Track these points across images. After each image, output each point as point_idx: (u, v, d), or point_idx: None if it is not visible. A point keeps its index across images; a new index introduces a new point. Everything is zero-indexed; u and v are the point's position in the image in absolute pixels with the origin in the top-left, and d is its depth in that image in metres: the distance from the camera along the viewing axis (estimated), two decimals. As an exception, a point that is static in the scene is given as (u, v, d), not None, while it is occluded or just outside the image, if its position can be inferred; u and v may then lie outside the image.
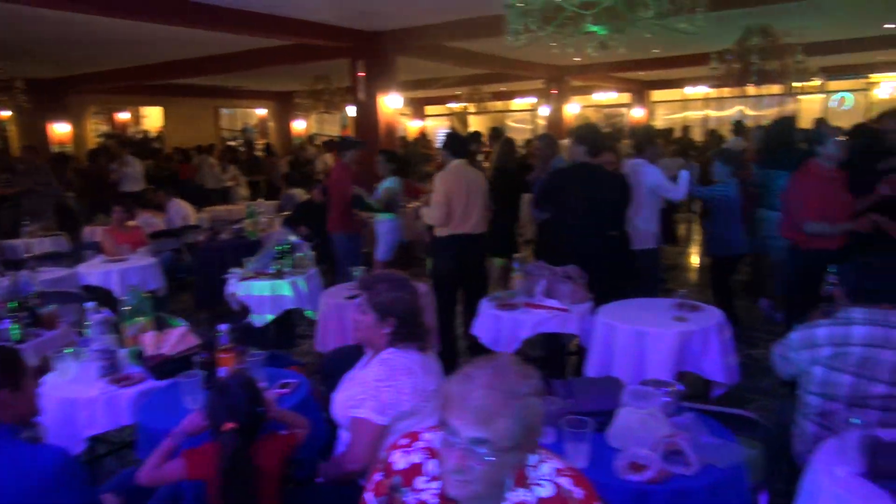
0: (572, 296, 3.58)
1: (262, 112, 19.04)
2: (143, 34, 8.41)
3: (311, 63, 10.68)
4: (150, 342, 2.79)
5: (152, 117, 16.61)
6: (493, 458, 1.29)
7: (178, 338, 2.80)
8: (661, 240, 5.09)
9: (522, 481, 1.40)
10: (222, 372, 2.55)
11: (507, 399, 1.29)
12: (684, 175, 4.66)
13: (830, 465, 1.80)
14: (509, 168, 5.87)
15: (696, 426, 1.97)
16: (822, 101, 17.21)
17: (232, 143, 16.12)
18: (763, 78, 9.11)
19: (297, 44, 9.30)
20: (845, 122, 10.82)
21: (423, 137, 16.37)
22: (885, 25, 10.44)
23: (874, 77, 16.91)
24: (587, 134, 4.22)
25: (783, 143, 5.39)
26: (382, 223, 5.97)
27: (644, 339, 3.13)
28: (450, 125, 21.52)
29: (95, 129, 15.14)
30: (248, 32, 7.96)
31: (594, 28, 4.02)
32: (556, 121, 14.51)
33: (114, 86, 12.94)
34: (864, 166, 4.42)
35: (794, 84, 11.36)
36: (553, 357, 4.02)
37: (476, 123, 20.63)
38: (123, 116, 16.21)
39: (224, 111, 18.06)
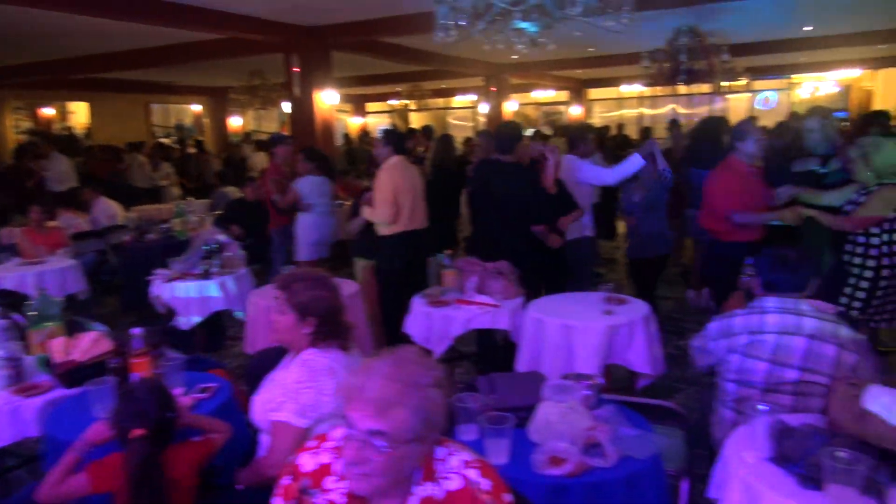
0: (504, 291, 3.59)
1: (196, 108, 18.48)
2: (67, 25, 8.01)
3: (245, 58, 10.42)
4: (60, 348, 2.64)
5: (80, 113, 15.87)
6: (391, 450, 1.28)
7: (89, 343, 2.66)
8: (594, 231, 5.17)
9: (431, 475, 1.39)
10: (135, 378, 2.43)
11: (405, 390, 1.29)
12: (634, 157, 4.71)
13: (740, 451, 1.86)
14: (448, 165, 5.87)
15: (615, 418, 2.00)
16: (749, 101, 17.92)
17: (165, 141, 15.56)
18: (692, 77, 9.40)
19: (230, 38, 9.05)
20: (770, 121, 11.32)
21: (366, 135, 16.22)
22: (805, 28, 10.94)
23: (796, 77, 17.73)
24: (498, 131, 4.33)
25: (710, 141, 5.56)
26: (300, 221, 5.81)
27: (572, 333, 3.16)
28: (391, 122, 21.41)
29: (17, 125, 14.35)
30: (178, 25, 7.69)
31: (523, 24, 4.05)
32: (495, 118, 14.59)
33: (36, 80, 12.31)
34: (779, 166, 4.61)
35: (721, 83, 11.80)
36: (486, 353, 4.03)
37: (417, 120, 20.60)
38: (48, 112, 15.41)
39: (156, 107, 17.43)
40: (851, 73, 16.81)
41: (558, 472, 1.79)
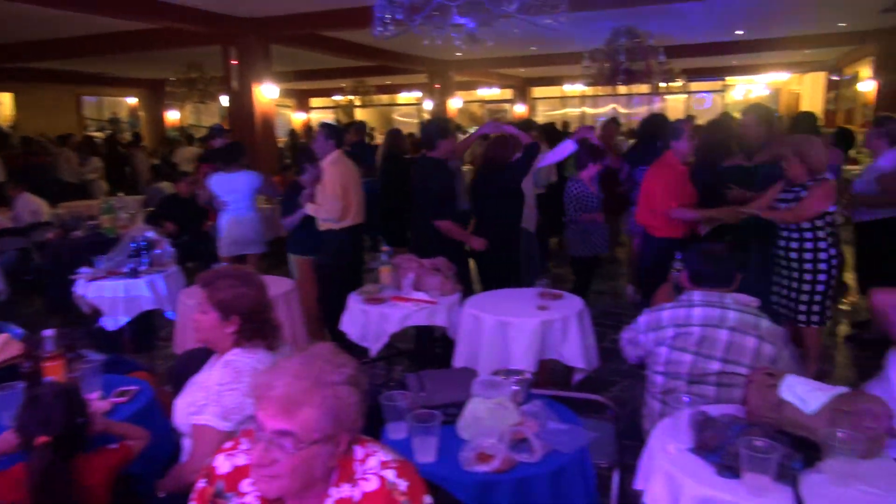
0: (441, 288, 3.57)
1: (132, 101, 17.80)
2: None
3: (182, 49, 10.10)
4: (-35, 352, 2.48)
5: (6, 104, 15.05)
6: (299, 451, 1.25)
7: (-1, 346, 2.50)
8: (535, 226, 5.20)
9: (348, 476, 1.36)
10: (47, 382, 2.30)
11: (312, 388, 1.25)
12: (566, 143, 4.78)
13: (664, 442, 1.89)
14: (400, 159, 5.84)
15: (544, 413, 2.00)
16: (686, 101, 18.48)
17: (98, 134, 14.91)
18: (630, 77, 9.62)
19: (166, 28, 8.75)
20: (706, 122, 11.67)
21: (311, 130, 15.95)
22: (737, 32, 11.34)
23: (730, 80, 18.40)
24: (421, 127, 4.42)
25: (654, 139, 5.67)
26: (217, 218, 5.67)
27: (507, 329, 3.17)
28: (335, 118, 21.15)
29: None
30: (111, 14, 7.38)
31: (461, 20, 4.04)
32: (440, 115, 14.61)
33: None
34: (711, 162, 4.75)
35: (659, 84, 12.12)
36: (423, 350, 4.01)
37: (362, 117, 20.40)
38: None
39: (88, 99, 16.70)
40: (780, 77, 17.57)
41: (485, 468, 1.78)
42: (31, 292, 6.48)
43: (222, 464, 1.45)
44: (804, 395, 1.84)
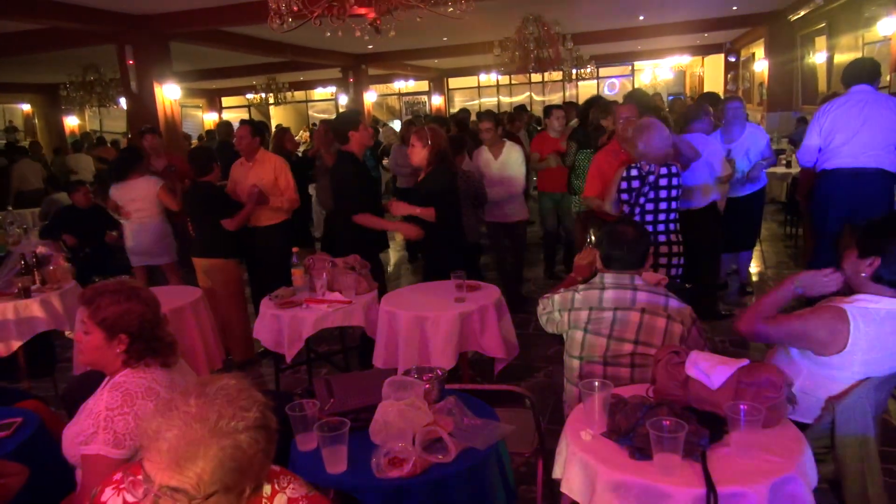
0: (356, 287, 3.48)
1: (26, 107, 16.65)
2: None
3: (76, 50, 9.48)
4: None
5: None
6: None
7: None
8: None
9: None
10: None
11: (208, 439, 1.10)
12: None
13: (577, 428, 1.88)
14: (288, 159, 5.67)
15: (458, 410, 1.96)
16: (596, 87, 18.96)
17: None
18: (541, 65, 9.75)
19: (52, 28, 8.18)
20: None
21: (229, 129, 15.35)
22: (640, 17, 11.69)
23: (637, 65, 19.01)
24: (333, 121, 4.50)
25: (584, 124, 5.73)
26: (124, 228, 5.59)
27: (424, 324, 3.11)
28: (250, 117, 20.51)
29: None
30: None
31: (361, 11, 3.94)
32: (352, 109, 14.40)
33: None
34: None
35: (571, 71, 12.36)
36: (346, 350, 3.91)
37: (277, 114, 19.91)
38: None
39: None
40: (684, 60, 18.30)
41: (398, 473, 1.72)
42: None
43: (111, 498, 1.32)
44: (708, 370, 1.86)
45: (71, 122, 17.04)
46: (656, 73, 19.40)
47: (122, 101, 12.09)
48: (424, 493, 1.73)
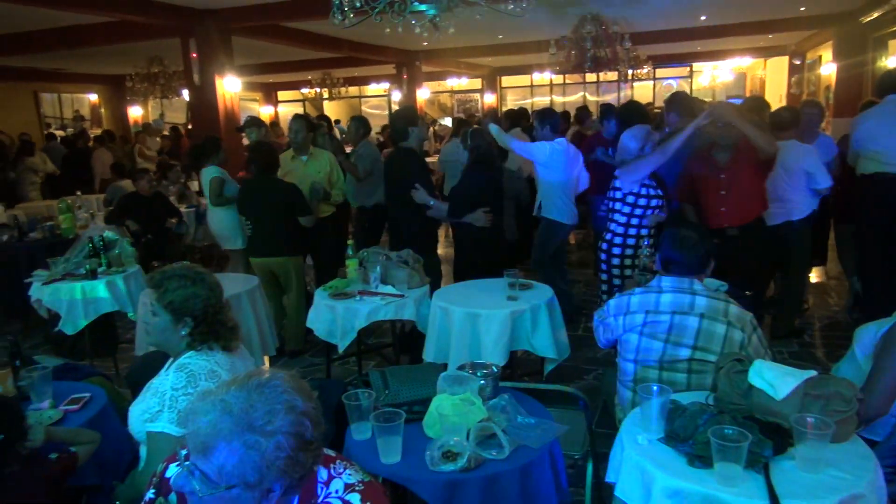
0: (408, 281, 3.50)
1: (93, 97, 17.31)
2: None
3: (142, 43, 9.80)
4: None
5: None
6: (212, 492, 1.13)
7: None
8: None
9: (309, 501, 1.28)
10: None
11: (235, 432, 1.11)
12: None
13: (634, 433, 1.85)
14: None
15: (512, 407, 1.95)
16: (653, 88, 18.58)
17: (59, 133, 14.48)
18: (597, 65, 9.62)
19: (121, 21, 8.47)
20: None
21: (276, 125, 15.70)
22: (701, 17, 11.40)
23: (696, 66, 18.54)
24: (393, 117, 4.65)
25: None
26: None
27: (477, 321, 3.11)
28: (304, 111, 20.87)
29: None
30: (63, 7, 7.10)
31: (422, 7, 3.96)
32: (408, 105, 14.47)
33: None
34: None
35: (627, 71, 12.16)
36: (398, 344, 3.94)
37: (330, 109, 20.19)
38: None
39: (47, 96, 16.20)
40: (745, 62, 17.77)
41: (452, 467, 1.72)
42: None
43: (175, 475, 1.37)
44: (773, 380, 1.81)
45: (134, 112, 17.64)
46: (715, 74, 18.91)
47: (185, 93, 12.51)
48: (477, 488, 1.73)
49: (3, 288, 5.64)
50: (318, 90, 17.72)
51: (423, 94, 15.30)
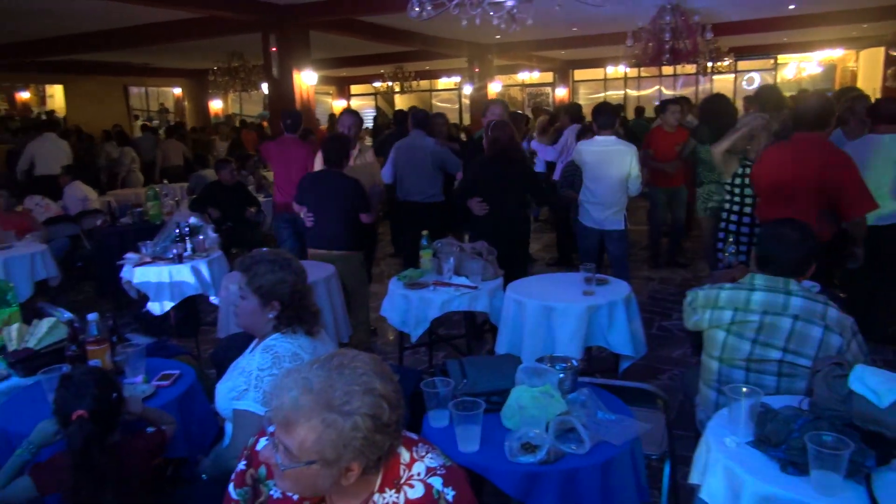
0: (482, 272, 3.50)
1: (177, 91, 18.13)
2: (41, 4, 7.76)
3: (223, 38, 10.17)
4: (14, 335, 2.52)
5: (57, 96, 15.50)
6: (293, 467, 1.17)
7: (46, 330, 2.53)
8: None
9: (392, 481, 1.30)
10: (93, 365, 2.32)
11: (316, 410, 1.15)
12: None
13: (721, 435, 1.78)
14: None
15: (592, 402, 1.92)
16: (734, 81, 17.85)
17: (147, 125, 15.27)
18: (676, 57, 9.30)
19: (206, 17, 8.82)
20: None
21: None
22: (790, 7, 10.84)
23: (782, 58, 17.68)
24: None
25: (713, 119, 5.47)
26: None
27: (551, 315, 3.07)
28: (375, 105, 21.19)
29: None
30: (153, 4, 7.45)
31: (500, -1, 3.93)
32: (479, 99, 14.43)
33: (8, 61, 11.96)
34: None
35: (707, 64, 11.71)
36: (470, 335, 3.95)
37: (401, 103, 20.38)
38: (25, 96, 15.04)
39: (134, 90, 17.07)
40: (836, 53, 16.80)
41: (531, 459, 1.71)
42: (82, 278, 6.65)
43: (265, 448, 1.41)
44: (877, 387, 1.70)
45: (215, 105, 18.37)
46: (802, 67, 17.97)
47: (264, 87, 12.91)
48: (556, 482, 1.71)
49: (97, 269, 5.99)
50: (389, 84, 17.93)
51: (495, 87, 15.23)
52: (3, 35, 10.23)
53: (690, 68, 13.85)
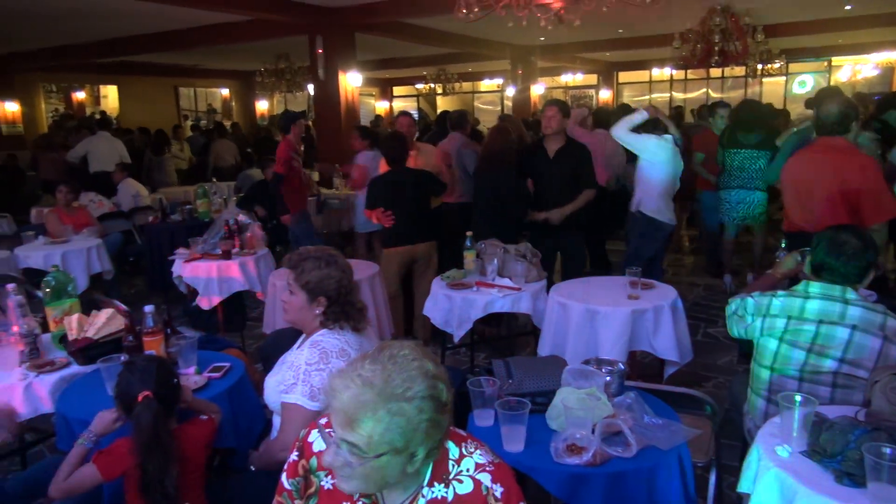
0: (526, 274, 3.49)
1: (224, 92, 18.57)
2: (92, 7, 8.05)
3: (271, 40, 10.38)
4: (74, 325, 2.62)
5: (111, 97, 16.05)
6: (364, 463, 1.19)
7: (104, 320, 2.63)
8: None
9: (441, 476, 1.31)
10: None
11: (380, 403, 1.17)
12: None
13: (772, 444, 1.74)
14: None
15: (638, 406, 1.90)
16: (785, 84, 17.38)
17: (196, 125, 15.69)
18: (725, 59, 9.13)
19: (255, 20, 9.02)
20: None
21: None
22: (847, 7, 10.50)
23: (836, 60, 17.13)
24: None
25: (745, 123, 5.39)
26: (357, 195, 6.16)
27: (596, 318, 3.05)
28: (418, 107, 21.30)
29: (53, 108, 14.62)
30: (202, 6, 7.66)
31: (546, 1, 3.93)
32: (522, 101, 14.39)
33: (65, 63, 12.44)
34: None
35: (756, 66, 11.44)
36: (513, 336, 3.95)
37: (444, 104, 20.45)
38: (80, 96, 15.62)
39: (184, 91, 17.55)
40: (893, 55, 16.18)
41: (577, 461, 1.70)
42: (134, 272, 6.87)
43: (317, 440, 1.43)
44: (940, 398, 1.64)
45: (261, 105, 18.74)
46: (857, 69, 17.36)
47: (310, 88, 13.12)
48: (602, 484, 1.70)
49: (148, 264, 6.18)
50: (431, 86, 18.01)
51: (538, 89, 15.15)
52: (61, 37, 10.64)
53: (739, 71, 13.54)
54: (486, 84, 20.65)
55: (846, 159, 3.35)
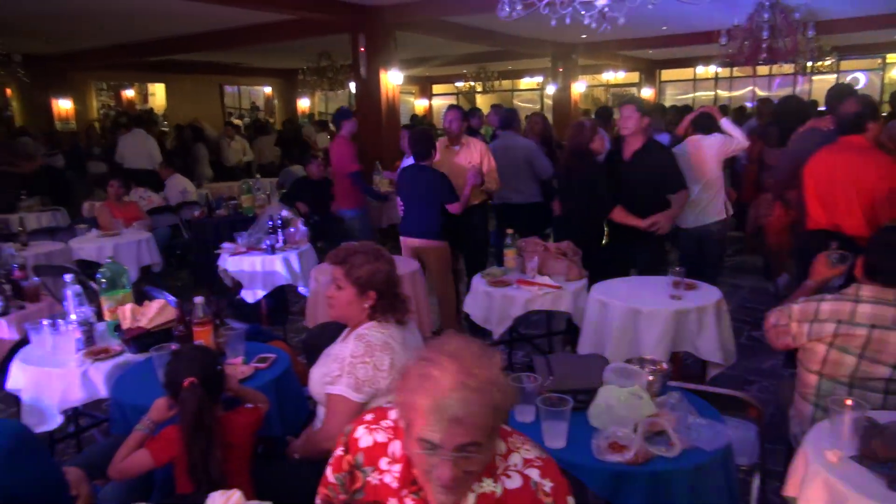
0: (566, 273, 3.48)
1: (267, 90, 18.89)
2: (141, 7, 8.29)
3: (313, 39, 10.52)
4: (128, 315, 2.72)
5: (159, 95, 16.50)
6: (482, 455, 1.24)
7: (156, 311, 2.72)
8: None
9: (491, 471, 1.32)
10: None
11: (481, 394, 1.20)
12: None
13: (822, 448, 1.71)
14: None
15: (682, 406, 1.88)
16: (836, 82, 16.83)
17: (237, 122, 16.00)
18: (774, 56, 8.88)
19: (297, 18, 9.15)
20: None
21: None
22: (903, 2, 10.13)
23: (891, 57, 16.53)
24: None
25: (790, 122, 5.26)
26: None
27: (638, 318, 3.03)
28: (458, 104, 21.29)
29: (105, 105, 15.12)
30: (248, 6, 7.82)
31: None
32: (563, 99, 14.28)
33: (115, 62, 12.83)
34: None
35: (806, 63, 11.11)
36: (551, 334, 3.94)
37: (483, 103, 20.43)
38: (129, 94, 16.11)
39: (228, 88, 17.91)
40: (953, 52, 15.54)
41: (619, 458, 1.70)
42: (180, 265, 7.06)
43: (363, 436, 1.45)
44: None
45: (303, 103, 19.00)
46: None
47: (351, 86, 13.26)
48: (644, 483, 1.70)
49: (194, 257, 6.35)
50: (471, 84, 18.01)
51: (579, 87, 15.01)
52: (113, 37, 10.98)
53: (788, 68, 13.19)
54: (526, 82, 20.55)
55: (864, 158, 3.38)
